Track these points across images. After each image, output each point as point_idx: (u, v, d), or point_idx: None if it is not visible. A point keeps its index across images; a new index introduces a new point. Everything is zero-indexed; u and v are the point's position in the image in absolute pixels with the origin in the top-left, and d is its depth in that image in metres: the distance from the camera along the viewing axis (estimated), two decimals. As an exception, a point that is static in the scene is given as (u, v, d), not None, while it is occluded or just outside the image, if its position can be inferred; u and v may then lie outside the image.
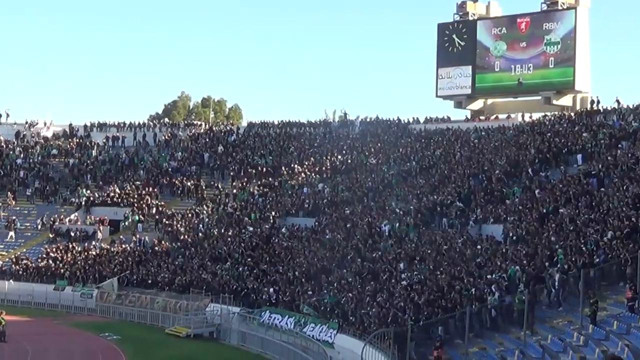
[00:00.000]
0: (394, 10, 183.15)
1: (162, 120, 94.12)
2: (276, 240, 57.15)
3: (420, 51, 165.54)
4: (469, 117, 70.07)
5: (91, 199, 72.59)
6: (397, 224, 51.18)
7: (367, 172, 62.77)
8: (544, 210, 44.34)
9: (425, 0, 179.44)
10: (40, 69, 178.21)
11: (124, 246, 64.01)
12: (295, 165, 68.40)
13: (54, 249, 65.74)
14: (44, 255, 65.04)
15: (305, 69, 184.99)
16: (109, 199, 71.77)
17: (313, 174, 66.18)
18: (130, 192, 71.98)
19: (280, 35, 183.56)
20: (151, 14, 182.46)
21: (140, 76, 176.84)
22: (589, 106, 61.90)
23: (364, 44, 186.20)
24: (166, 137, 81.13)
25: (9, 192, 76.09)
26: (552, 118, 61.12)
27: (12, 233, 69.77)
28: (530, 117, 64.80)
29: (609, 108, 58.30)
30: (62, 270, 62.17)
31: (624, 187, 42.15)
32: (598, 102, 60.91)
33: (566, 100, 64.94)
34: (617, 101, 58.19)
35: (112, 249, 63.87)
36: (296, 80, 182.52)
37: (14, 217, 72.22)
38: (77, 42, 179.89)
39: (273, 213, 61.01)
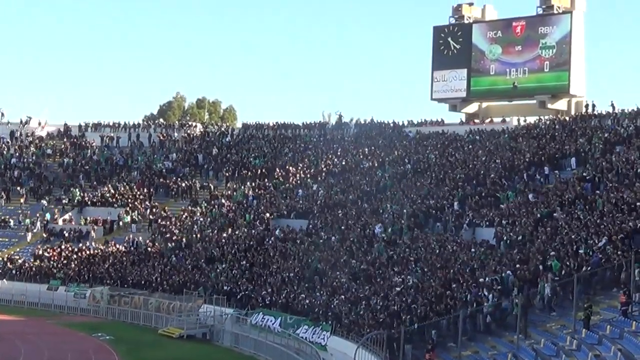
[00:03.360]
0: (390, 12, 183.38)
1: (156, 121, 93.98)
2: (270, 241, 57.09)
3: (415, 54, 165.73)
4: (464, 120, 70.12)
5: (85, 199, 72.51)
6: (390, 227, 51.20)
7: (362, 175, 62.77)
8: (538, 215, 44.38)
9: (421, 3, 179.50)
10: (35, 69, 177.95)
11: (117, 246, 63.92)
12: (290, 167, 68.38)
13: (48, 249, 65.62)
14: (37, 255, 64.87)
15: (301, 71, 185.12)
16: (103, 199, 71.71)
17: (308, 176, 66.15)
18: (124, 192, 71.92)
19: (275, 36, 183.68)
20: (146, 14, 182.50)
21: (136, 77, 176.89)
22: (583, 110, 61.98)
23: (359, 46, 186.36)
24: (161, 137, 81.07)
25: (3, 192, 76.00)
26: (547, 122, 61.18)
27: (30, 234, 69.29)
28: (525, 120, 64.82)
29: (604, 112, 58.42)
30: (55, 270, 62.05)
31: (618, 192, 42.20)
32: (593, 106, 61.00)
33: (561, 105, 65.03)
34: (612, 105, 58.36)
35: (105, 249, 63.75)
36: (291, 82, 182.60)
37: (7, 217, 72.27)
38: (73, 42, 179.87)
39: (267, 215, 60.95)
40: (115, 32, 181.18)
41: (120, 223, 68.75)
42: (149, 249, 61.88)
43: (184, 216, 65.77)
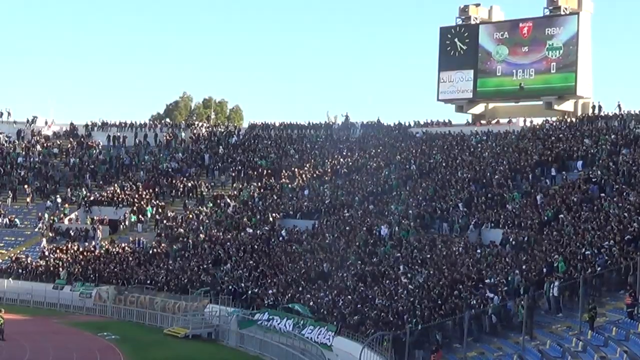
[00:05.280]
0: (396, 13, 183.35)
1: (163, 121, 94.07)
2: (275, 242, 57.11)
3: (422, 55, 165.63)
4: (470, 121, 70.03)
5: (91, 198, 72.60)
6: (397, 228, 51.16)
7: (368, 175, 62.73)
8: (545, 217, 44.31)
9: (427, 4, 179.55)
10: (42, 68, 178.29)
11: (123, 245, 63.99)
12: (296, 168, 68.38)
13: (54, 248, 65.70)
14: (44, 254, 64.98)
15: (307, 71, 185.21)
16: (109, 198, 71.76)
17: (314, 177, 66.13)
18: (130, 192, 71.97)
19: (282, 37, 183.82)
20: (153, 14, 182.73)
21: (142, 76, 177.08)
22: (590, 112, 61.89)
23: (366, 47, 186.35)
24: (167, 137, 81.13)
25: (9, 191, 76.16)
26: (554, 123, 61.10)
27: (44, 241, 68.63)
28: (532, 122, 64.76)
29: (611, 114, 58.35)
30: (61, 270, 62.11)
31: (625, 194, 42.14)
32: (600, 107, 60.91)
33: (568, 106, 64.85)
34: (619, 106, 58.30)
35: (111, 249, 63.80)
36: (298, 83, 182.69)
37: (13, 216, 72.40)
38: (80, 42, 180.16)
39: (273, 215, 60.95)
40: (122, 32, 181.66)
41: (126, 223, 68.83)
42: (155, 249, 61.90)
43: (189, 216, 65.80)
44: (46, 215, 71.31)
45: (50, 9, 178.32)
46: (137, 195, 71.20)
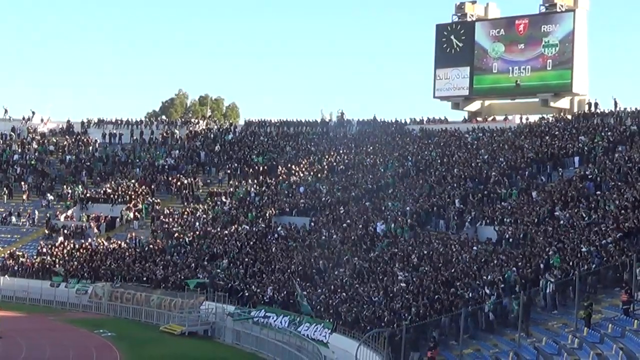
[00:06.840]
0: (393, 10, 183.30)
1: (159, 118, 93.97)
2: (272, 239, 57.10)
3: (418, 52, 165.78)
4: (467, 118, 70.06)
5: (87, 195, 72.54)
6: (393, 225, 51.18)
7: (364, 172, 62.73)
8: (541, 214, 44.30)
9: (423, 1, 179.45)
10: (38, 66, 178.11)
11: (119, 242, 63.92)
12: (292, 165, 68.35)
13: (50, 245, 65.64)
14: (40, 251, 64.91)
15: (303, 69, 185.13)
16: (105, 196, 71.70)
17: (310, 174, 66.11)
18: (127, 189, 71.89)
19: (278, 34, 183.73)
20: (149, 11, 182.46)
21: (138, 73, 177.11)
22: (586, 109, 61.93)
23: (362, 44, 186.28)
24: (163, 134, 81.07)
25: (5, 188, 76.08)
26: (550, 120, 61.14)
27: (61, 238, 67.63)
28: (528, 119, 64.79)
29: (606, 111, 58.40)
30: (57, 267, 62.03)
31: (621, 191, 42.17)
32: (596, 104, 60.96)
33: (564, 103, 64.92)
34: (615, 102, 58.30)
35: (107, 246, 63.74)
36: (294, 80, 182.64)
37: (13, 211, 72.33)
38: (76, 39, 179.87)
39: (269, 212, 60.93)
40: (118, 29, 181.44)
41: (122, 220, 68.76)
42: (151, 245, 61.83)
43: (185, 213, 65.76)
44: (36, 212, 71.22)
45: (46, 7, 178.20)
46: (133, 193, 71.14)
